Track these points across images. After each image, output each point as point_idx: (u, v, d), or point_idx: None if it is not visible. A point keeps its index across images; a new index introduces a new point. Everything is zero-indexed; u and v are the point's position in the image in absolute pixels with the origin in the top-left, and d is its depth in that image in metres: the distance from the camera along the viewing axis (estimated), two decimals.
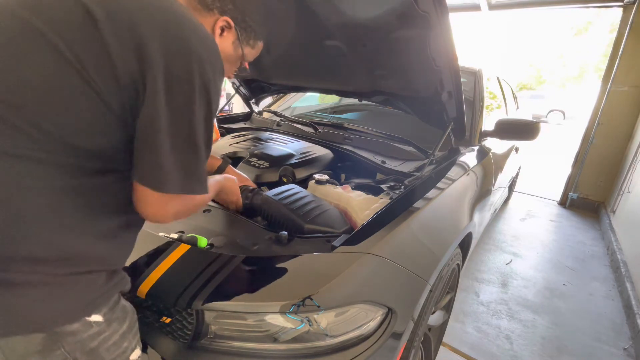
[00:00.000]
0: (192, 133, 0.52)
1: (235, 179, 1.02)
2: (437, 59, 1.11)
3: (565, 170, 3.87)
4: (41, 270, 0.47)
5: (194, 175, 0.54)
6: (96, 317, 0.52)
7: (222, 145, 1.54)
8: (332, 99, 2.48)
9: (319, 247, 0.84)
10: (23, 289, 0.46)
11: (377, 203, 1.08)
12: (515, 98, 3.37)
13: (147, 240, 0.86)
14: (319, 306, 0.68)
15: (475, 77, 1.91)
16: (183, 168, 0.52)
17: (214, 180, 0.91)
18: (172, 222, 0.59)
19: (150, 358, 0.72)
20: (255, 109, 2.22)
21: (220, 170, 1.12)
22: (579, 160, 3.62)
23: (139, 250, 0.84)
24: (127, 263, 0.79)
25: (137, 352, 0.61)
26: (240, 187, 1.07)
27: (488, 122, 1.82)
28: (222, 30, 0.69)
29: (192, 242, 0.82)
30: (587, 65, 18.81)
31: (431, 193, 1.11)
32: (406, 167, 1.40)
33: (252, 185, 1.14)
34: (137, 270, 0.77)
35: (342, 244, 0.81)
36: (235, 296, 0.69)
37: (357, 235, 0.85)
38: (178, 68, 0.49)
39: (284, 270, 0.75)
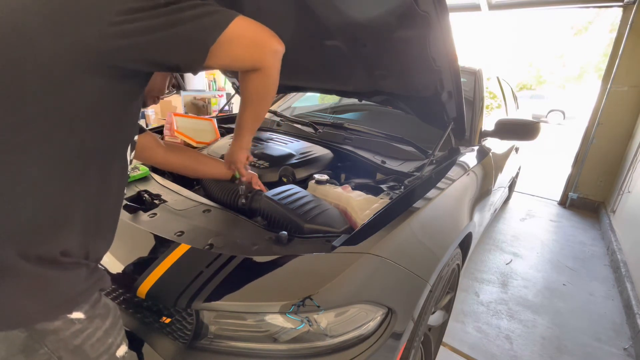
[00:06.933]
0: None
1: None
2: (437, 59, 1.11)
3: (565, 170, 3.87)
4: (25, 258, 0.47)
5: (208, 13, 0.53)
6: (77, 315, 0.52)
7: (222, 145, 1.54)
8: (332, 99, 2.48)
9: (319, 247, 0.84)
10: (5, 280, 0.46)
11: (377, 203, 1.08)
12: (515, 98, 3.37)
13: (147, 240, 0.86)
14: (318, 306, 0.68)
15: (475, 77, 1.91)
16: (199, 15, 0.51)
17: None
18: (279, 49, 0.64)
19: (149, 358, 0.72)
20: None
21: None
22: (579, 160, 3.62)
23: (139, 250, 0.84)
24: (127, 263, 0.80)
25: (124, 348, 0.61)
26: (242, 185, 1.07)
27: (488, 122, 1.82)
28: None
29: None
30: (587, 65, 18.83)
31: (431, 193, 1.11)
32: (406, 167, 1.40)
33: (262, 188, 1.16)
34: (137, 270, 0.77)
35: (342, 244, 0.81)
36: (235, 296, 0.69)
37: (357, 235, 0.85)
38: None
39: (284, 270, 0.75)
